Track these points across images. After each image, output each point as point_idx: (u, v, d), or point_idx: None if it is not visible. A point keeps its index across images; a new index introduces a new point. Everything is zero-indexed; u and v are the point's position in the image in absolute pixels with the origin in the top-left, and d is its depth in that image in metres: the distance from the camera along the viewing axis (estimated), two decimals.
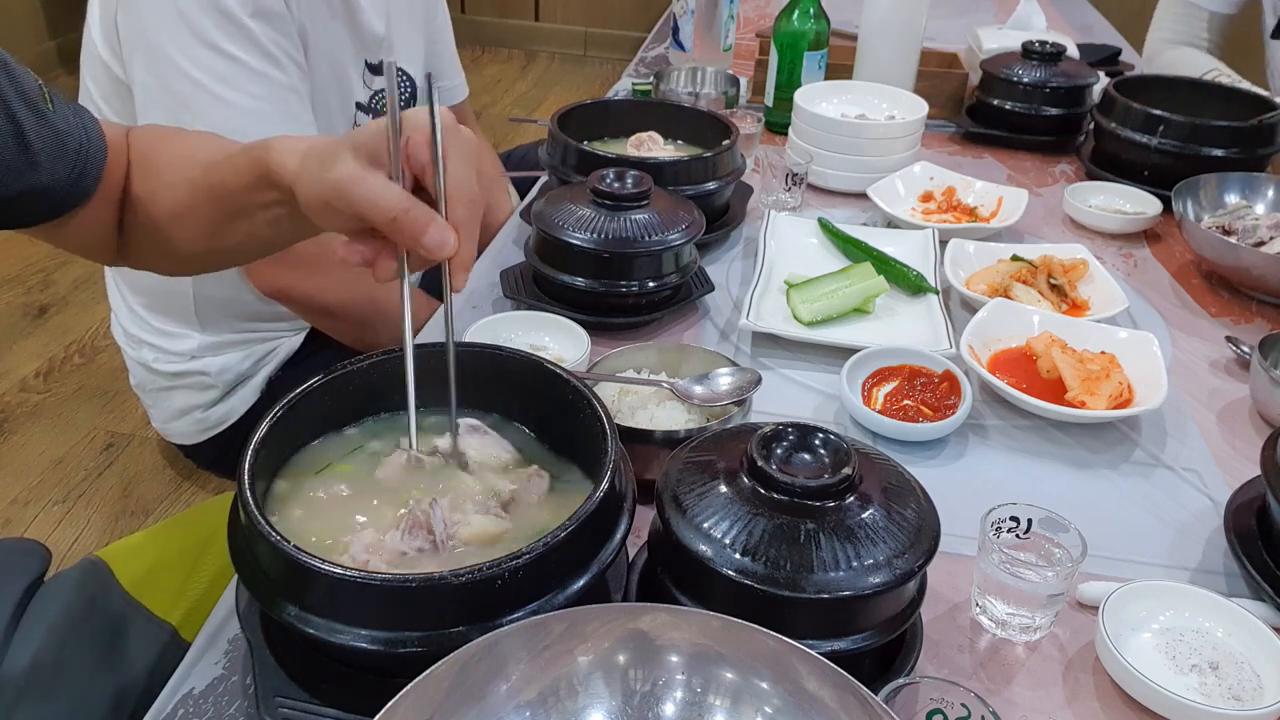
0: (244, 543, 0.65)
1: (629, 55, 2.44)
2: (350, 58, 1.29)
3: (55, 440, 2.15)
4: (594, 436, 0.73)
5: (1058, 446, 1.01)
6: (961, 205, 1.45)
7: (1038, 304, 1.17)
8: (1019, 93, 1.68)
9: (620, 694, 0.57)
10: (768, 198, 1.45)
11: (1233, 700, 0.72)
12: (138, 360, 1.44)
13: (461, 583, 0.59)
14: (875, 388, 1.05)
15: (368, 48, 1.31)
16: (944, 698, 0.64)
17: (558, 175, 1.32)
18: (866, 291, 1.17)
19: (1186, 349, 1.18)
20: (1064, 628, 0.79)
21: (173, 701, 0.70)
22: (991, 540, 0.77)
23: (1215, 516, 0.91)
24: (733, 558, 0.65)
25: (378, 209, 0.66)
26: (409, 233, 0.66)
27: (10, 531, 1.90)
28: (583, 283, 1.11)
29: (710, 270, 1.25)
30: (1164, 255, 1.40)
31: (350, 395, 0.78)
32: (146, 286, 1.39)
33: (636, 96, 1.84)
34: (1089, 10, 2.63)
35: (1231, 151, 1.46)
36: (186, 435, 1.47)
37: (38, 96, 0.79)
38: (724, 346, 1.14)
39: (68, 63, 3.86)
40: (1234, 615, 0.76)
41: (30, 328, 2.54)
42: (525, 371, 0.79)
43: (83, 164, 0.82)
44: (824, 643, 0.66)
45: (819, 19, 1.68)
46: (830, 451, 0.70)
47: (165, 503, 1.96)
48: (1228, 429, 1.05)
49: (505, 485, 0.74)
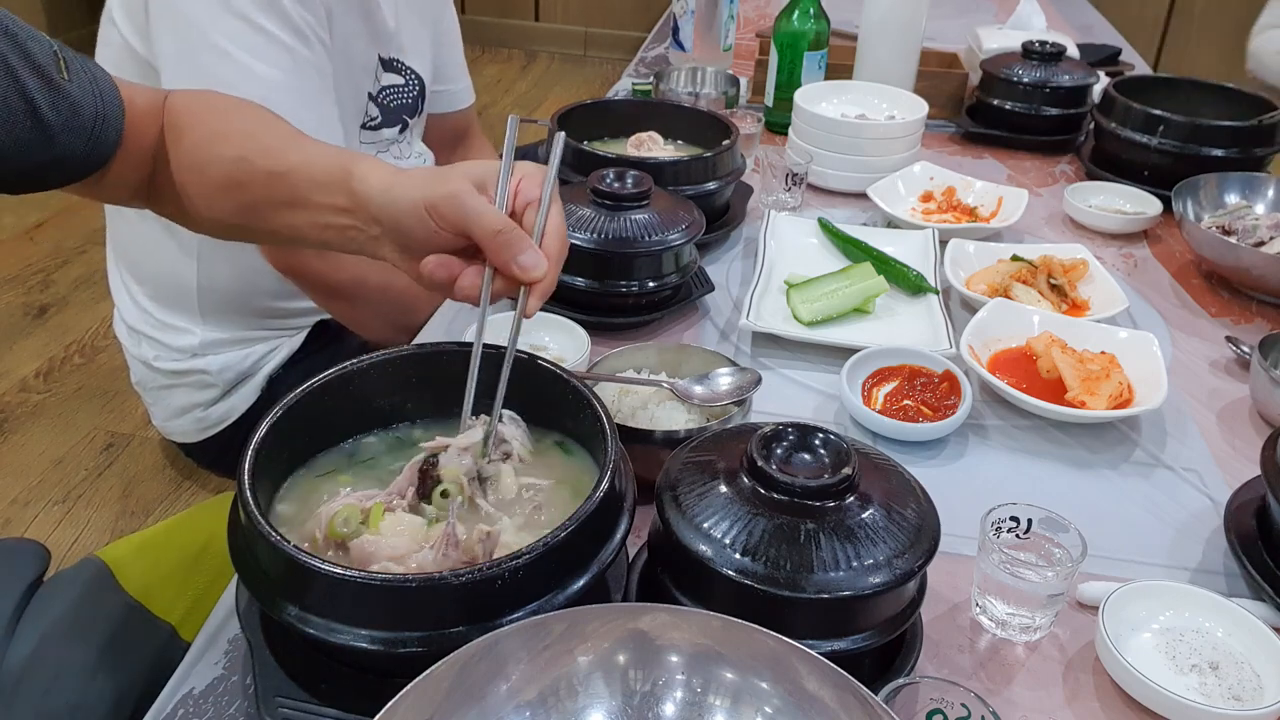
0: (244, 543, 0.65)
1: (629, 55, 2.44)
2: (363, 47, 1.30)
3: (55, 440, 2.15)
4: (594, 436, 0.73)
5: (1058, 446, 1.01)
6: (961, 205, 1.45)
7: (1038, 304, 1.17)
8: (1019, 93, 1.68)
9: (620, 694, 0.57)
10: (768, 198, 1.45)
11: (1233, 700, 0.72)
12: (138, 357, 1.44)
13: (461, 583, 0.59)
14: (875, 388, 1.05)
15: (379, 41, 1.32)
16: (944, 698, 0.64)
17: (558, 175, 1.32)
18: (866, 291, 1.17)
19: (1186, 349, 1.18)
20: (1064, 628, 0.79)
21: (173, 701, 0.70)
22: (991, 540, 0.77)
23: (1215, 516, 0.91)
24: (733, 558, 0.65)
25: (486, 220, 0.71)
26: (509, 249, 0.71)
27: (10, 531, 1.90)
28: (583, 283, 1.11)
29: (710, 270, 1.25)
30: (1164, 255, 1.40)
31: (351, 396, 0.78)
32: (151, 275, 1.39)
33: (636, 96, 1.84)
34: (1089, 10, 2.63)
35: (1231, 151, 1.46)
36: (187, 434, 1.48)
37: (52, 65, 0.78)
38: (724, 346, 1.14)
39: None
40: (1234, 615, 0.76)
41: (30, 328, 2.54)
42: (525, 371, 0.79)
43: (99, 133, 0.81)
44: (824, 643, 0.66)
45: (819, 19, 1.68)
46: (830, 451, 0.70)
47: (165, 503, 1.96)
48: (1228, 429, 1.05)
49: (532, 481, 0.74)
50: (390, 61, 1.35)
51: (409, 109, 1.40)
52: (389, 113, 1.36)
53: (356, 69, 1.30)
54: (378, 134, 1.36)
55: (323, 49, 1.18)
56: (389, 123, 1.37)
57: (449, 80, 1.57)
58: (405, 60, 1.38)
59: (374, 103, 1.34)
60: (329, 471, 0.76)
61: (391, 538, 0.68)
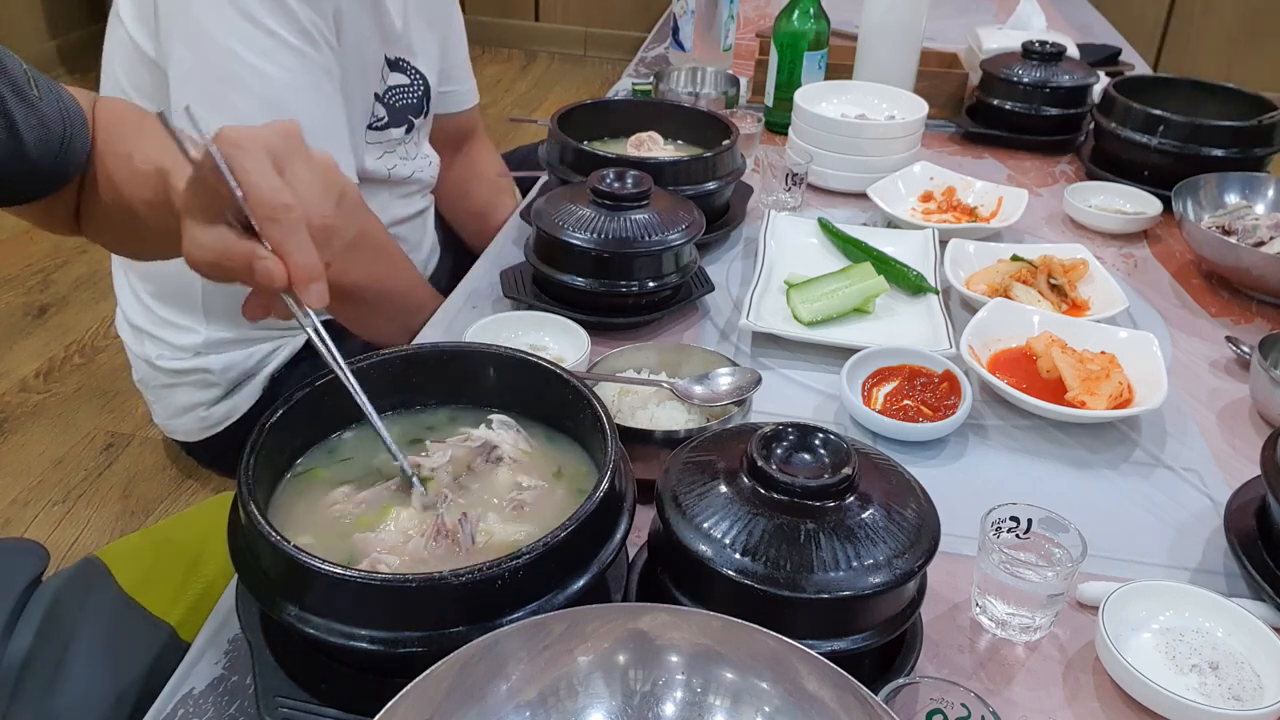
0: (244, 543, 0.65)
1: (629, 55, 2.44)
2: (374, 48, 1.30)
3: (55, 440, 2.15)
4: (594, 436, 0.73)
5: (1058, 446, 1.01)
6: (961, 205, 1.45)
7: (1038, 304, 1.17)
8: (1019, 93, 1.68)
9: (620, 694, 0.57)
10: (768, 198, 1.45)
11: (1233, 700, 0.72)
12: (141, 356, 1.44)
13: (461, 583, 0.59)
14: (875, 388, 1.05)
15: (388, 41, 1.32)
16: (944, 698, 0.64)
17: (558, 175, 1.32)
18: (866, 291, 1.17)
19: (1186, 349, 1.18)
20: (1064, 628, 0.79)
21: (173, 701, 0.70)
22: (991, 540, 0.77)
23: (1215, 516, 0.91)
24: (733, 558, 0.65)
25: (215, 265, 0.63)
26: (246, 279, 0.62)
27: (10, 531, 1.90)
28: (583, 283, 1.11)
29: (710, 270, 1.25)
30: (1164, 255, 1.40)
31: (351, 395, 0.77)
32: (156, 273, 1.39)
33: (636, 96, 1.84)
34: (1089, 10, 2.63)
35: (1231, 151, 1.46)
36: (189, 433, 1.48)
37: (25, 83, 0.79)
38: (724, 346, 1.14)
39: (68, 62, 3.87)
40: (1234, 615, 0.76)
41: (30, 328, 2.54)
42: (525, 372, 0.79)
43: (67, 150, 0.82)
44: (824, 643, 0.66)
45: (819, 19, 1.68)
46: (830, 451, 0.70)
47: (165, 502, 1.96)
48: (1228, 429, 1.05)
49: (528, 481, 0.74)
50: (397, 62, 1.35)
51: (415, 109, 1.40)
52: (395, 113, 1.37)
53: (366, 68, 1.30)
54: (384, 134, 1.36)
55: (331, 52, 1.19)
56: (395, 123, 1.37)
57: (455, 81, 1.58)
58: (412, 61, 1.38)
59: (380, 103, 1.34)
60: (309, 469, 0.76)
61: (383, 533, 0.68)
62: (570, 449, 0.78)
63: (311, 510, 0.72)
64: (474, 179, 1.68)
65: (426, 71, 1.41)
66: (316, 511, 0.72)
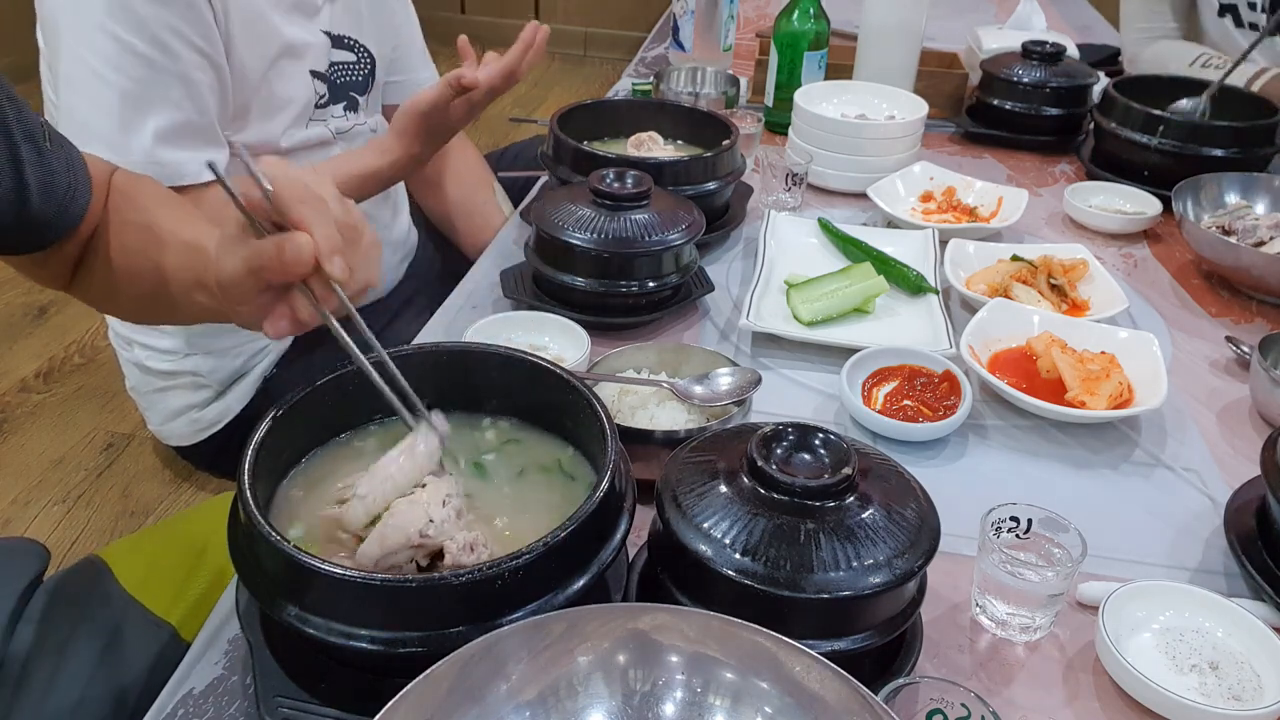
0: (244, 543, 0.65)
1: (629, 55, 2.44)
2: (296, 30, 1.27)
3: (55, 440, 2.15)
4: (594, 437, 0.73)
5: (1058, 446, 1.01)
6: (961, 205, 1.45)
7: (1038, 304, 1.17)
8: (1019, 93, 1.68)
9: (620, 694, 0.57)
10: (768, 198, 1.45)
11: (1233, 700, 0.72)
12: (132, 361, 1.43)
13: (461, 583, 0.59)
14: (875, 388, 1.05)
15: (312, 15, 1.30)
16: (944, 698, 0.64)
17: (558, 175, 1.32)
18: (866, 291, 1.17)
19: (1186, 349, 1.18)
20: (1064, 628, 0.79)
21: (173, 701, 0.70)
22: (991, 540, 0.77)
23: (1215, 516, 0.91)
24: (733, 558, 0.65)
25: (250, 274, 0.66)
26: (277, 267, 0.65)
27: (10, 531, 1.90)
28: (583, 283, 1.11)
29: (710, 270, 1.25)
30: (1164, 255, 1.40)
31: (352, 395, 0.77)
32: None
33: (636, 96, 1.84)
34: (1089, 10, 2.63)
35: (1231, 151, 1.46)
36: (183, 436, 1.47)
37: (40, 135, 0.81)
38: (724, 346, 1.14)
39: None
40: (1234, 615, 0.77)
41: (30, 328, 2.54)
42: (525, 372, 0.79)
43: (69, 203, 0.83)
44: (824, 643, 0.66)
45: (819, 19, 1.68)
46: (830, 451, 0.70)
47: (165, 503, 1.96)
48: (1228, 429, 1.05)
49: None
50: (341, 39, 1.34)
51: (358, 86, 1.39)
52: (336, 89, 1.36)
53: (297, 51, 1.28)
54: (326, 110, 1.35)
55: (196, 55, 1.16)
56: (336, 99, 1.36)
57: (408, 69, 1.54)
58: (358, 38, 1.37)
59: (321, 80, 1.33)
60: None
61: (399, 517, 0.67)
62: (570, 449, 0.78)
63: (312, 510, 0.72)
64: (447, 173, 1.64)
65: (374, 49, 1.40)
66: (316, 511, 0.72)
